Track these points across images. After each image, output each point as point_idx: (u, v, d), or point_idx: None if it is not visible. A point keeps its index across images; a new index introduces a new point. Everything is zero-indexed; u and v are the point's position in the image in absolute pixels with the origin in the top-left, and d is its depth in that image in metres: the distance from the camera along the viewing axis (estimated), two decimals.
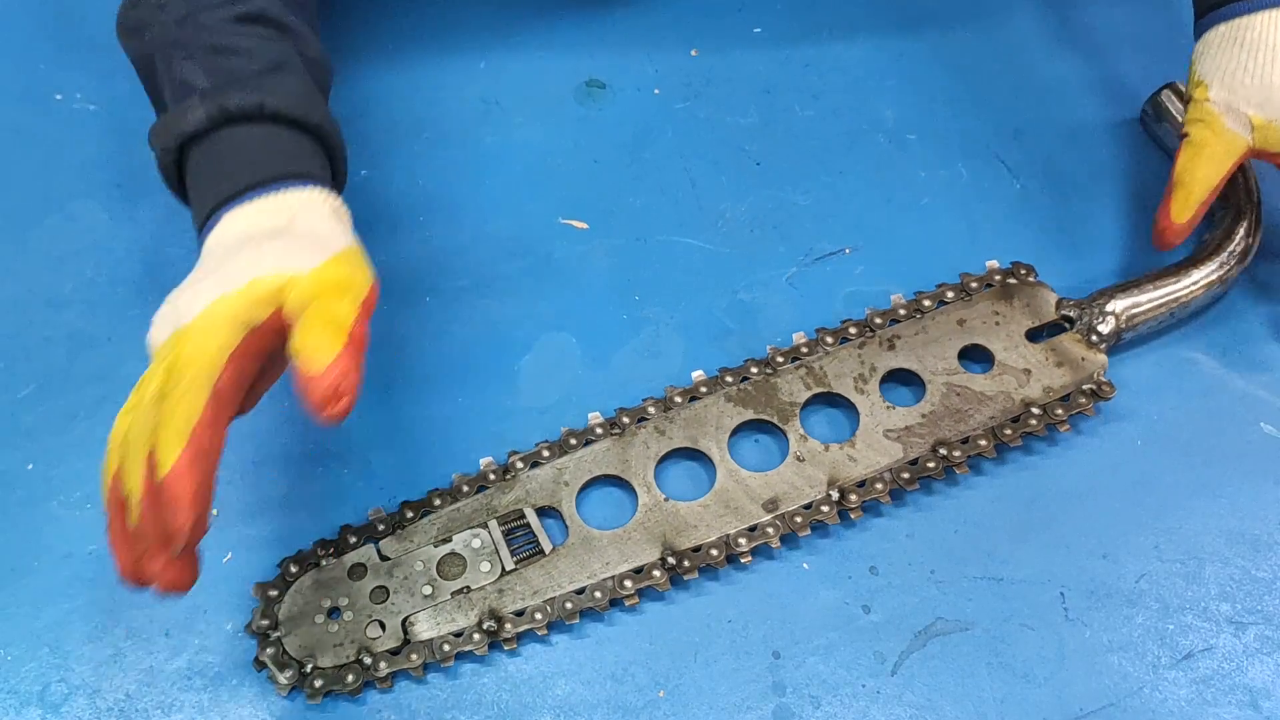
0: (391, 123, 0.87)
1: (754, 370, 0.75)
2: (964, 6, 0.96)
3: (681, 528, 0.69)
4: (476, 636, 0.66)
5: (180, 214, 0.82)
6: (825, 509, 0.70)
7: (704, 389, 0.74)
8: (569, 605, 0.67)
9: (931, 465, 0.71)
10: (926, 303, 0.78)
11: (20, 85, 0.89)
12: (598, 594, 0.67)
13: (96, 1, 0.93)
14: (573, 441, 0.72)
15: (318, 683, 0.64)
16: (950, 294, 0.78)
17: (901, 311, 0.78)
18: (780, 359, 0.76)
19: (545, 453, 0.72)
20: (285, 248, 0.58)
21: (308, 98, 0.65)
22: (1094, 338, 0.76)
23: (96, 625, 0.67)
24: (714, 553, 0.68)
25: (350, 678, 0.65)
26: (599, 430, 0.73)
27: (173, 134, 0.62)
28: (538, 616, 0.67)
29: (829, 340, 0.76)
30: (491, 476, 0.71)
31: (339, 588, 0.67)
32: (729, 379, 0.75)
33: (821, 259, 0.83)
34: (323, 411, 0.54)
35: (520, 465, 0.71)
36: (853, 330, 0.77)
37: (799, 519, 0.70)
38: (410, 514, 0.70)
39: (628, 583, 0.67)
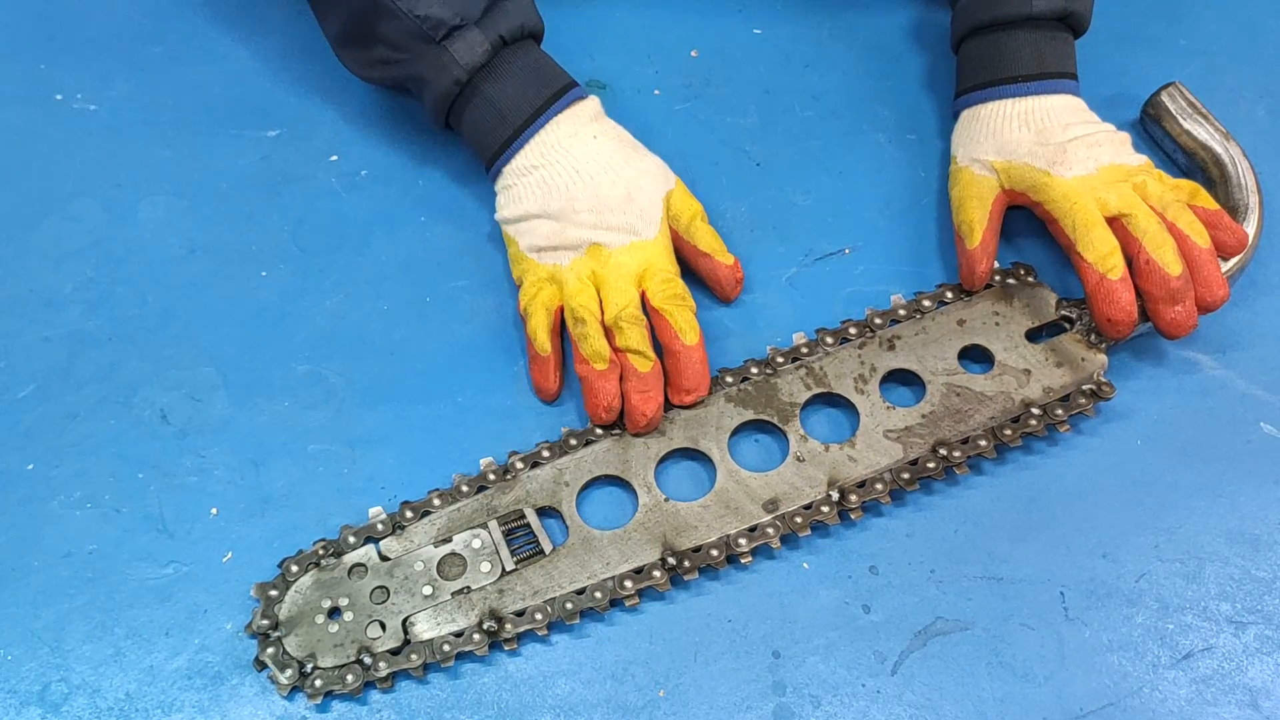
0: (391, 122, 0.87)
1: (754, 370, 0.75)
2: None
3: (681, 528, 0.69)
4: (477, 636, 0.66)
5: (183, 211, 0.83)
6: (825, 509, 0.70)
7: None
8: (569, 605, 0.67)
9: (931, 465, 0.71)
10: (926, 303, 0.78)
11: (20, 85, 0.89)
12: (598, 594, 0.67)
13: (96, 1, 0.93)
14: (573, 441, 0.72)
15: (318, 683, 0.65)
16: (950, 294, 0.78)
17: (901, 311, 0.78)
18: (780, 359, 0.76)
19: (545, 453, 0.72)
20: (655, 165, 0.79)
21: (534, 10, 0.79)
22: (1094, 338, 0.76)
23: (96, 625, 0.67)
24: (714, 553, 0.68)
25: (350, 678, 0.65)
26: (599, 430, 0.73)
27: (464, 68, 0.75)
28: (538, 616, 0.67)
29: (829, 340, 0.76)
30: (491, 476, 0.71)
31: (339, 588, 0.67)
32: (729, 379, 0.75)
33: (821, 259, 0.83)
34: (735, 291, 0.79)
35: (520, 465, 0.71)
36: (853, 330, 0.77)
37: (799, 519, 0.70)
38: (410, 514, 0.70)
39: (628, 583, 0.68)
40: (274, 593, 0.67)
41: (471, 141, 0.79)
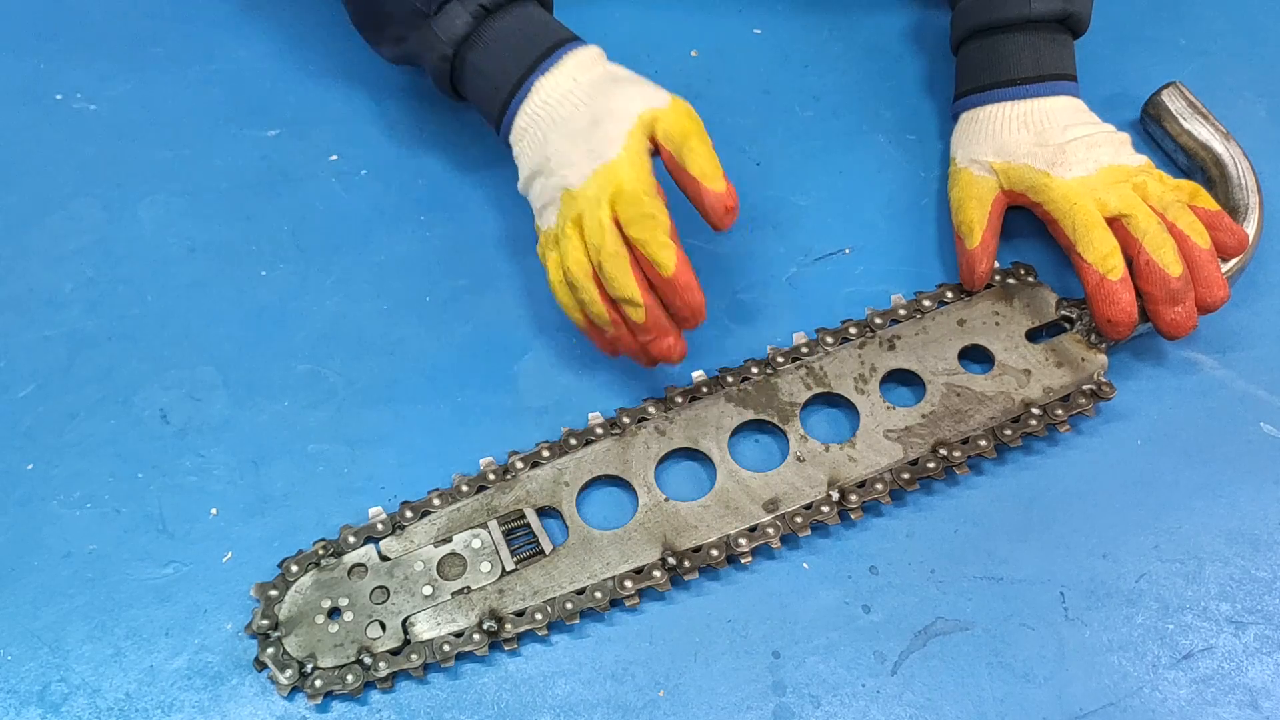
0: (391, 122, 0.87)
1: (754, 370, 0.75)
2: None
3: (681, 528, 0.69)
4: (477, 636, 0.66)
5: (183, 211, 0.83)
6: (825, 509, 0.70)
7: (704, 389, 0.74)
8: (569, 605, 0.67)
9: (931, 465, 0.71)
10: (926, 303, 0.78)
11: (20, 85, 0.89)
12: (598, 594, 0.67)
13: (96, 1, 0.93)
14: (573, 441, 0.72)
15: (318, 683, 0.65)
16: (950, 294, 0.78)
17: (901, 311, 0.78)
18: (780, 359, 0.76)
19: (545, 453, 0.72)
20: (640, 89, 0.72)
21: None
22: (1094, 338, 0.76)
23: (96, 625, 0.67)
24: (714, 553, 0.68)
25: (350, 678, 0.65)
26: (599, 430, 0.73)
27: (447, 42, 0.74)
28: (538, 616, 0.67)
29: (829, 340, 0.76)
30: (491, 476, 0.71)
31: (339, 588, 0.67)
32: (729, 379, 0.75)
33: (821, 259, 0.83)
34: (725, 221, 0.69)
35: (520, 465, 0.71)
36: (853, 330, 0.77)
37: (799, 519, 0.70)
38: (410, 514, 0.70)
39: (628, 583, 0.67)
40: (274, 593, 0.67)
41: (482, 115, 0.77)
